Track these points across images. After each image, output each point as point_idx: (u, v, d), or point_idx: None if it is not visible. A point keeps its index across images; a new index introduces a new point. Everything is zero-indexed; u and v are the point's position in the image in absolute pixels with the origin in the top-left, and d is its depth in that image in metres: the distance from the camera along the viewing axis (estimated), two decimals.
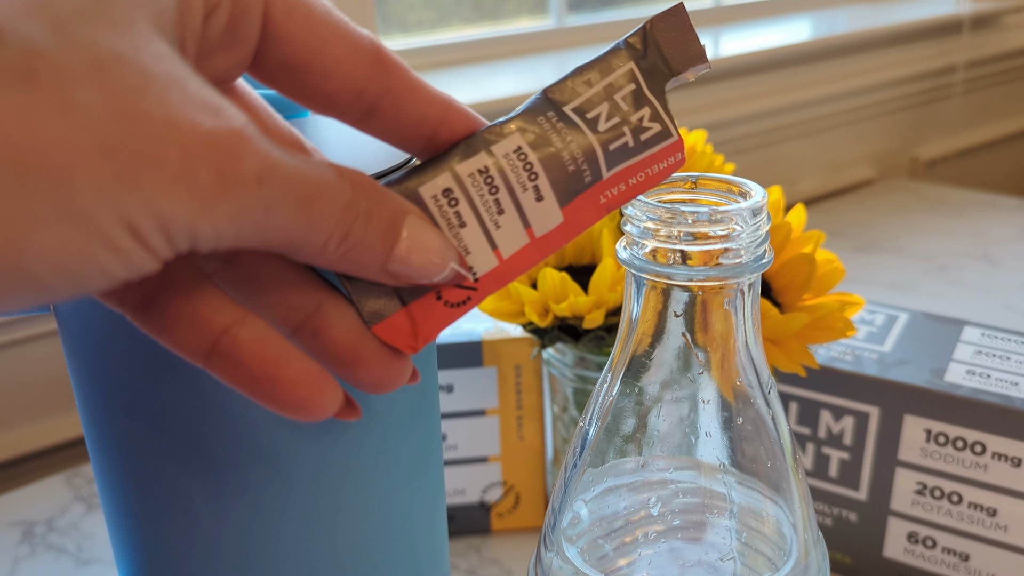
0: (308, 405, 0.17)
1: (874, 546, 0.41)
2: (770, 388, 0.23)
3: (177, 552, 0.23)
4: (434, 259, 0.18)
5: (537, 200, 0.19)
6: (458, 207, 0.18)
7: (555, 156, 0.19)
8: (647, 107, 0.20)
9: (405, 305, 0.18)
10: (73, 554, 0.47)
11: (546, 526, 0.25)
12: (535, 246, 0.19)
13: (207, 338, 0.17)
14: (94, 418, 0.23)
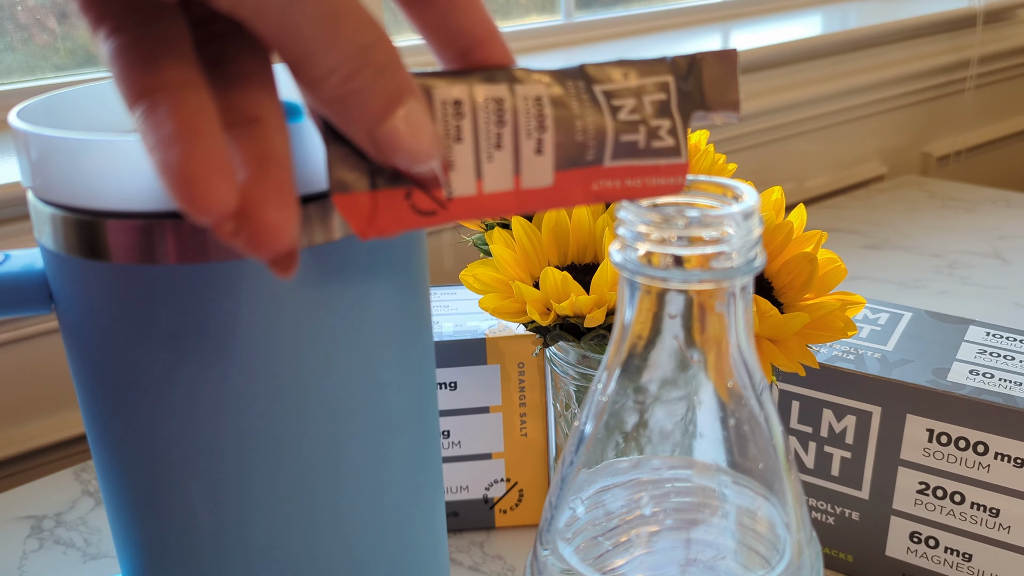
0: (199, 184, 0.16)
1: (876, 545, 0.41)
2: (762, 389, 0.23)
3: (177, 547, 0.24)
4: (422, 146, 0.17)
5: (536, 152, 0.19)
6: (461, 122, 0.18)
7: (568, 120, 0.19)
8: (669, 120, 0.20)
9: (374, 189, 0.18)
10: (81, 548, 0.48)
11: (542, 524, 0.25)
12: (516, 196, 0.19)
13: (151, 84, 0.17)
14: (94, 417, 0.23)
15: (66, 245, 0.21)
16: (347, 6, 0.16)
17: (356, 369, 0.23)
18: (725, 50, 0.20)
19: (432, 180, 0.18)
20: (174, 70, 0.17)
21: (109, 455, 0.24)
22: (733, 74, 0.20)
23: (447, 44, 0.19)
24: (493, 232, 0.40)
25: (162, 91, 0.17)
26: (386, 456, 0.25)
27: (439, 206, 0.19)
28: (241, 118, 0.18)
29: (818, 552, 0.24)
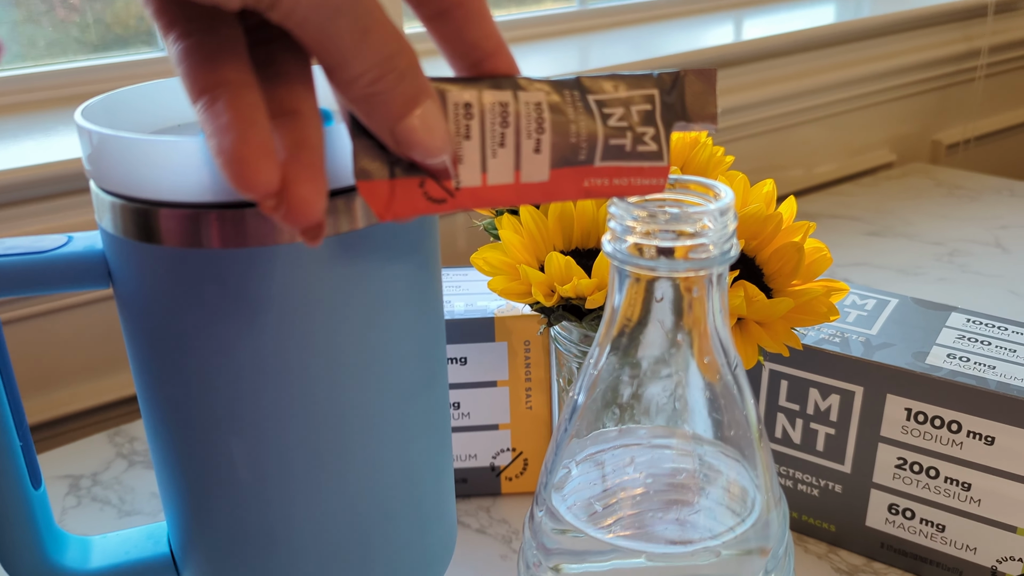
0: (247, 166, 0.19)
1: (857, 516, 0.44)
2: (736, 364, 0.26)
3: (218, 498, 0.27)
4: (436, 142, 0.20)
5: (535, 151, 0.22)
6: (470, 122, 0.21)
7: (564, 124, 0.22)
8: (653, 128, 0.23)
9: (392, 177, 0.21)
10: (116, 506, 0.51)
11: (539, 487, 0.28)
12: (515, 189, 0.22)
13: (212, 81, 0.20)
14: (144, 381, 0.27)
15: (123, 229, 0.24)
16: (377, 21, 0.19)
17: (376, 341, 0.26)
18: (706, 69, 0.23)
19: (443, 172, 0.21)
20: (231, 70, 0.20)
21: (158, 415, 0.27)
22: (712, 90, 0.23)
23: (461, 55, 0.22)
24: (503, 218, 0.43)
25: (221, 87, 0.20)
26: (404, 418, 0.28)
27: (448, 195, 0.21)
28: (284, 110, 0.21)
29: (785, 513, 0.27)
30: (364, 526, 0.28)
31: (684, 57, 0.87)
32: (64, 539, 0.29)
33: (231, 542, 0.27)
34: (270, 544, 0.27)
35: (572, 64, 0.84)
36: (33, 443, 0.28)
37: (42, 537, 0.28)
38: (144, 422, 0.28)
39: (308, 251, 0.24)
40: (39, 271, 0.25)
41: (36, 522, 0.28)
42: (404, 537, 0.29)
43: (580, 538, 0.26)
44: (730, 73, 0.94)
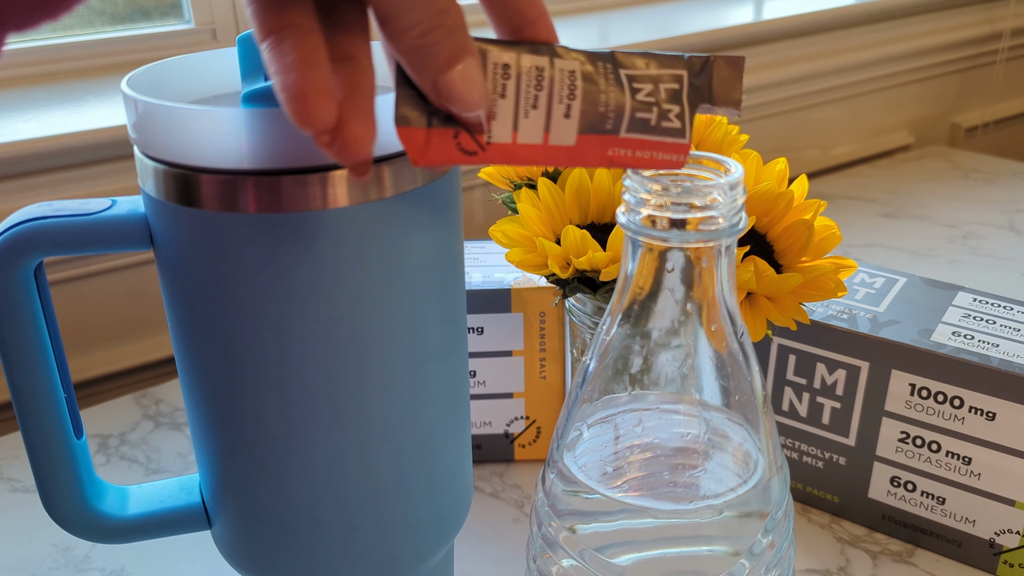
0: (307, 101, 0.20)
1: (860, 488, 0.46)
2: (742, 334, 0.27)
3: (248, 451, 0.28)
4: (474, 96, 0.22)
5: (564, 116, 0.23)
6: (507, 82, 0.23)
7: (595, 94, 0.23)
8: (679, 106, 0.24)
9: (429, 127, 0.22)
10: (143, 464, 0.53)
11: (550, 451, 0.29)
12: (543, 150, 0.23)
13: (278, 24, 0.21)
14: (182, 337, 0.28)
15: (165, 193, 0.26)
16: None
17: (399, 306, 0.28)
18: (735, 56, 0.24)
19: (477, 126, 0.23)
20: (297, 14, 0.21)
21: (193, 371, 0.28)
22: (739, 77, 0.24)
23: (505, 20, 0.23)
24: (521, 192, 0.44)
25: (287, 30, 0.21)
26: (424, 381, 0.29)
27: (480, 148, 0.23)
28: (342, 55, 0.22)
29: (786, 478, 0.29)
30: (382, 483, 0.30)
31: (704, 36, 0.87)
32: (103, 487, 0.31)
33: (258, 493, 0.29)
34: (293, 497, 0.29)
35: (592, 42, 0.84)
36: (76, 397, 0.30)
37: (83, 484, 0.30)
38: (180, 378, 0.29)
39: (339, 218, 0.26)
40: (86, 232, 0.27)
41: (78, 470, 0.30)
42: (420, 496, 0.31)
43: (590, 497, 0.28)
44: (749, 53, 0.94)
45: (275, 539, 0.30)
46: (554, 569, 0.29)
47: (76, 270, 0.61)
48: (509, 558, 0.45)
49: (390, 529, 0.30)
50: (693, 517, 0.27)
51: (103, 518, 0.30)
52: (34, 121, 0.60)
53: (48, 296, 0.28)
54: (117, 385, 0.66)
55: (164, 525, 0.31)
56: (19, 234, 0.26)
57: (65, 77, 0.69)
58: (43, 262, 0.28)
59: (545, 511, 0.29)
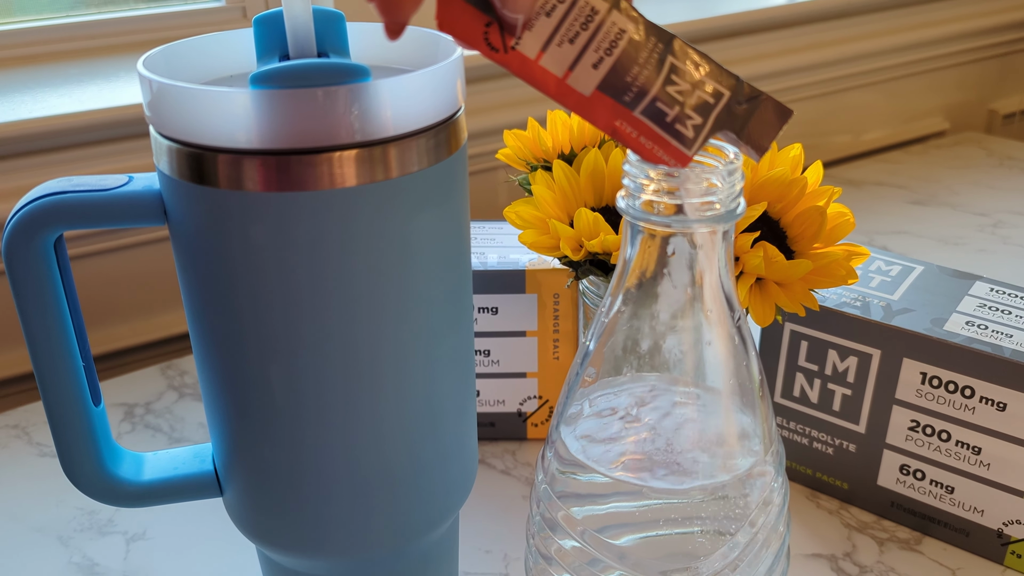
0: None
1: (869, 475, 0.46)
2: (739, 318, 0.27)
3: (257, 421, 0.29)
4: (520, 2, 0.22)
5: (593, 66, 0.23)
6: (559, 4, 0.23)
7: (631, 63, 0.23)
8: (702, 119, 0.24)
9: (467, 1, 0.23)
10: (167, 433, 0.55)
11: (550, 427, 0.30)
12: (557, 84, 0.24)
13: None
14: (194, 311, 0.29)
15: (178, 171, 0.27)
16: None
17: (404, 284, 0.28)
18: (786, 107, 0.24)
19: (511, 27, 0.23)
20: None
21: (205, 344, 0.29)
22: (779, 127, 0.24)
23: None
24: (536, 174, 0.44)
25: None
26: (430, 357, 0.30)
27: (502, 48, 0.23)
28: None
29: (782, 460, 0.29)
30: (391, 456, 0.30)
31: (737, 18, 0.87)
32: (120, 453, 0.32)
33: (268, 463, 0.30)
34: (303, 466, 0.30)
35: None
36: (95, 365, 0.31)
37: (100, 450, 0.31)
38: (193, 350, 0.30)
39: (346, 197, 0.26)
40: (102, 207, 0.28)
41: (96, 436, 0.31)
42: (427, 467, 0.31)
43: (586, 476, 0.28)
44: (783, 35, 0.93)
45: (283, 508, 0.31)
46: (552, 548, 0.30)
47: (109, 243, 0.63)
48: (519, 532, 0.45)
49: (398, 499, 0.31)
50: (688, 497, 0.27)
51: (119, 482, 0.31)
52: (67, 96, 0.62)
53: (68, 268, 0.29)
54: (145, 356, 0.68)
55: (177, 491, 0.32)
56: (38, 208, 0.27)
57: (99, 53, 0.71)
58: (63, 235, 0.29)
59: (543, 489, 0.30)
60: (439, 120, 0.27)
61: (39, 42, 0.69)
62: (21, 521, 0.47)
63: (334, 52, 0.30)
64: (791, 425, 0.47)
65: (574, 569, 0.29)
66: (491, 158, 0.77)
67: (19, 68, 0.68)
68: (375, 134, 0.26)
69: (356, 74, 0.25)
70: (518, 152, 0.47)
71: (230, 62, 0.31)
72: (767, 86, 0.94)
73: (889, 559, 0.44)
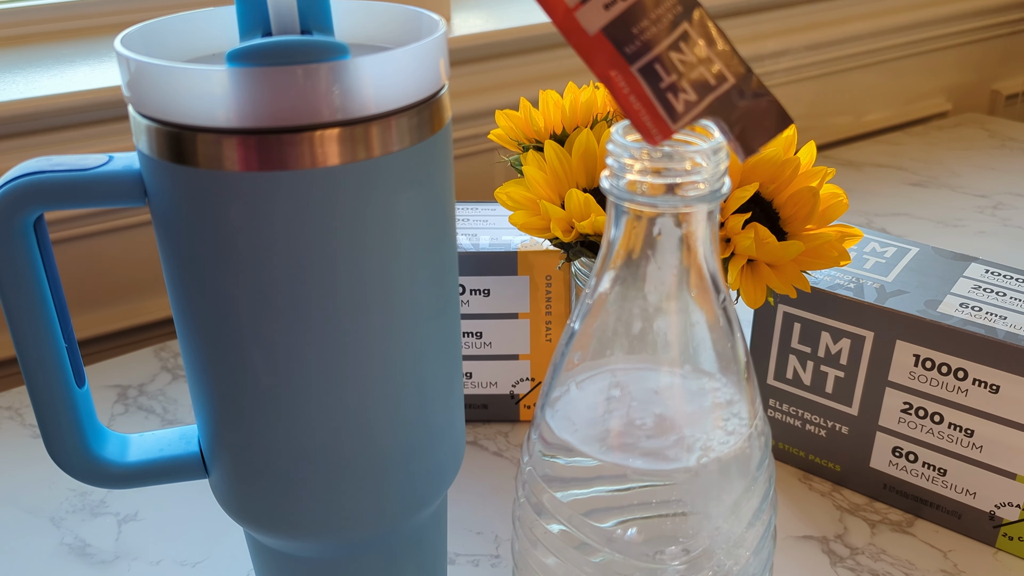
0: None
1: (862, 457, 0.45)
2: (724, 298, 0.27)
3: (241, 404, 0.29)
4: None
5: (605, 6, 0.22)
6: None
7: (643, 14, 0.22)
8: (697, 97, 0.23)
9: None
10: (160, 415, 0.55)
11: (536, 409, 0.30)
12: (565, 12, 0.23)
13: None
14: (176, 292, 0.29)
15: (157, 151, 0.26)
16: None
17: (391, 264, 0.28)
18: (786, 115, 0.23)
19: None
20: None
21: (187, 325, 0.29)
22: (773, 134, 0.23)
23: None
24: (528, 154, 0.44)
25: None
26: (416, 340, 0.29)
27: None
28: None
29: (768, 441, 0.29)
30: (376, 439, 0.30)
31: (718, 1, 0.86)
32: (105, 435, 0.32)
33: (252, 445, 0.30)
34: (286, 448, 0.30)
35: None
36: (79, 348, 0.31)
37: (84, 432, 0.31)
38: (177, 331, 0.30)
39: (325, 176, 0.26)
40: (82, 187, 0.27)
41: (80, 418, 0.31)
42: (414, 448, 0.31)
43: (571, 458, 0.28)
44: (783, 14, 0.92)
45: (269, 490, 0.30)
46: (537, 531, 0.29)
47: (104, 224, 0.63)
48: (509, 514, 0.45)
49: (384, 481, 0.31)
50: (672, 479, 0.27)
51: (103, 464, 0.31)
52: (57, 77, 0.61)
53: (49, 249, 0.29)
54: (139, 338, 0.67)
55: (162, 473, 0.32)
56: (17, 188, 0.27)
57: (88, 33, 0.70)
58: (44, 216, 0.29)
59: (528, 472, 0.30)
60: (422, 98, 0.27)
61: (27, 22, 0.68)
62: (13, 503, 0.47)
63: (317, 29, 0.29)
64: (784, 407, 0.47)
65: (559, 552, 0.29)
66: (484, 139, 0.77)
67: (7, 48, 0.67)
68: (356, 112, 0.26)
69: (335, 51, 0.25)
70: (510, 132, 0.47)
71: (212, 40, 0.31)
72: (767, 66, 0.93)
73: (881, 541, 0.43)
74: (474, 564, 0.43)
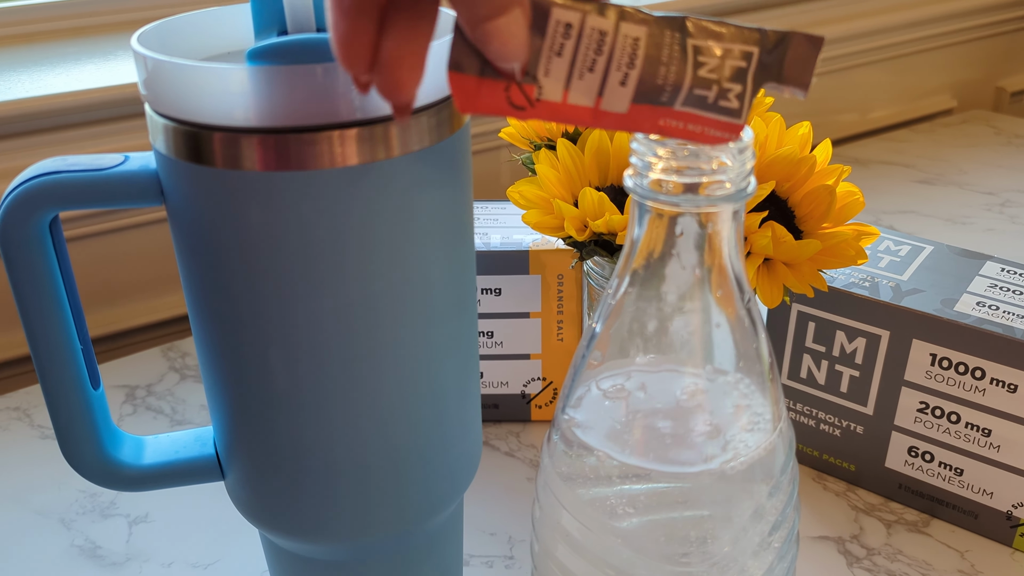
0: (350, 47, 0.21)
1: (877, 457, 0.45)
2: (749, 299, 0.27)
3: (257, 403, 0.29)
4: (509, 49, 0.21)
5: (620, 84, 0.22)
6: (566, 42, 0.22)
7: (655, 65, 0.22)
8: (741, 85, 0.23)
9: (482, 75, 0.22)
10: (168, 415, 0.54)
11: (556, 409, 0.29)
12: (593, 114, 0.23)
13: None
14: (192, 291, 0.29)
15: (174, 150, 0.26)
16: None
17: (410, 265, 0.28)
18: (815, 36, 0.23)
19: (510, 76, 0.22)
20: None
21: (204, 325, 0.29)
22: (814, 58, 0.23)
23: None
24: (540, 153, 0.43)
25: None
26: (433, 340, 0.29)
27: (528, 104, 0.23)
28: None
29: (791, 443, 0.28)
30: (394, 441, 0.30)
31: None
32: (120, 437, 0.32)
33: (269, 447, 0.30)
34: (304, 451, 0.29)
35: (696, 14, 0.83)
36: (93, 349, 0.31)
37: (100, 434, 0.31)
38: (193, 333, 0.30)
39: (346, 177, 0.26)
40: (98, 187, 0.27)
41: (95, 420, 0.30)
42: (431, 450, 0.31)
43: (591, 457, 0.28)
44: (787, 12, 0.92)
45: (285, 493, 0.30)
46: (558, 531, 0.29)
47: (111, 223, 0.62)
48: (523, 515, 0.45)
49: (402, 483, 0.31)
50: (696, 481, 0.27)
51: (119, 466, 0.31)
52: (65, 75, 0.61)
53: (64, 250, 0.29)
54: (146, 338, 0.67)
55: (178, 475, 0.32)
56: (33, 188, 0.27)
57: (97, 32, 0.70)
58: (59, 216, 0.28)
59: (548, 472, 0.30)
60: (442, 97, 0.27)
61: (36, 20, 0.68)
62: (23, 504, 0.47)
63: None
64: (798, 407, 0.47)
65: (580, 554, 0.29)
66: (494, 137, 0.76)
67: (16, 47, 0.67)
68: (376, 112, 0.25)
69: None
70: (521, 131, 0.47)
71: (227, 38, 0.31)
72: None
73: (897, 541, 0.43)
74: (488, 565, 0.42)
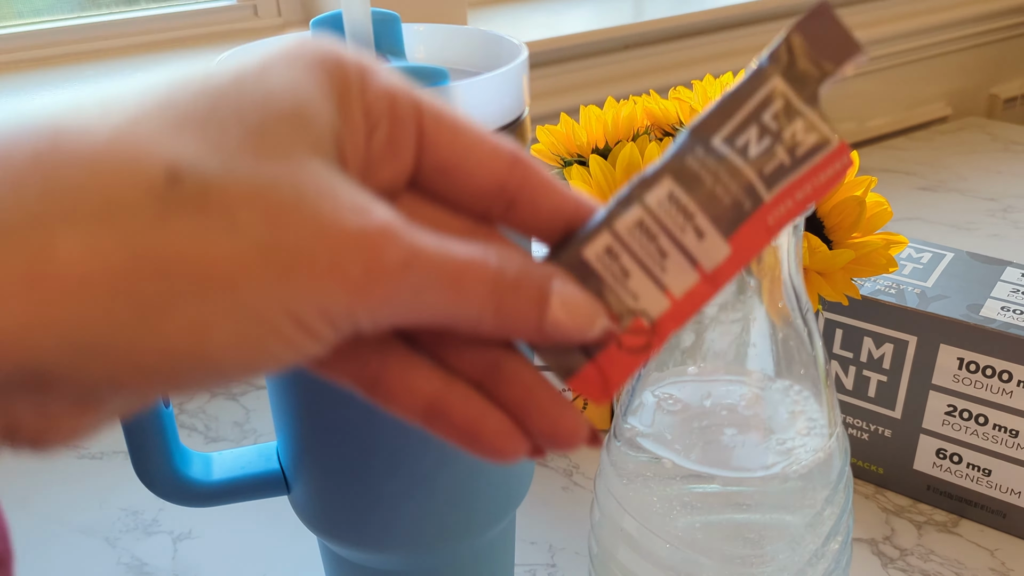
0: (504, 453, 0.19)
1: (905, 459, 0.46)
2: (807, 310, 0.28)
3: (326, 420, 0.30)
4: (582, 320, 0.18)
5: (699, 239, 0.19)
6: (620, 261, 0.19)
7: (709, 193, 0.19)
8: (799, 120, 0.20)
9: (591, 358, 0.19)
10: (202, 432, 0.55)
11: (616, 419, 0.30)
12: (707, 280, 0.20)
13: (422, 403, 0.19)
14: None
15: None
16: (460, 262, 0.17)
17: None
18: (814, 8, 0.20)
19: (608, 333, 0.19)
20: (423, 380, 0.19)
21: None
22: (836, 23, 0.20)
23: (549, 229, 0.19)
24: (572, 168, 0.45)
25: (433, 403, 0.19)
26: None
27: (647, 336, 0.20)
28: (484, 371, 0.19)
29: (846, 450, 0.30)
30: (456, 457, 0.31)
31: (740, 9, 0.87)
32: (189, 454, 0.33)
33: (339, 462, 0.30)
34: (373, 465, 0.30)
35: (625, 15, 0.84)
36: None
37: (171, 451, 0.31)
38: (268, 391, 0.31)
39: None
40: None
41: (167, 437, 0.31)
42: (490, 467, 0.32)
43: (655, 464, 0.29)
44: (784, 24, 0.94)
45: (353, 506, 0.31)
46: (618, 534, 0.30)
47: None
48: (558, 524, 0.46)
49: (466, 498, 0.32)
50: (758, 486, 0.28)
51: (191, 483, 0.32)
52: None
53: None
54: None
55: (246, 490, 0.33)
56: None
57: (111, 54, 0.71)
58: None
59: (610, 476, 0.31)
60: (508, 122, 0.28)
61: (50, 44, 0.69)
62: (66, 523, 0.48)
63: (391, 53, 0.30)
64: None
65: (640, 553, 0.30)
66: None
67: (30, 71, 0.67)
68: None
69: (436, 77, 0.26)
70: (551, 147, 0.48)
71: None
72: None
73: (928, 542, 0.44)
74: (531, 574, 0.43)
